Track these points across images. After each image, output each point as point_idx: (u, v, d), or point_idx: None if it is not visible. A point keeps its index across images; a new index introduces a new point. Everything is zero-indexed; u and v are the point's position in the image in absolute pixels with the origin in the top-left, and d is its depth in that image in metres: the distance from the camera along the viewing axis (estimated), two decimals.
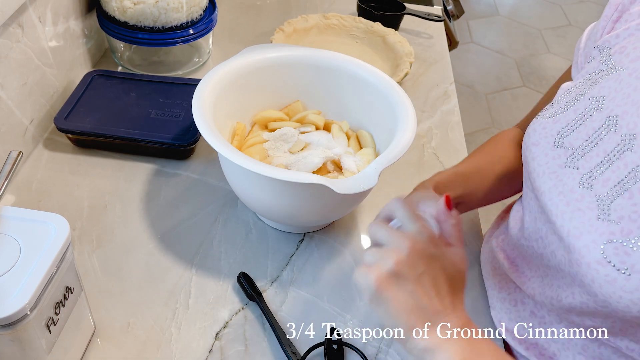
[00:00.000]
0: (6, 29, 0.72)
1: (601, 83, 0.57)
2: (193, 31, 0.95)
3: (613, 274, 0.48)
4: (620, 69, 0.56)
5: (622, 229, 0.49)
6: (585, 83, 0.59)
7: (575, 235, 0.52)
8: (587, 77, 0.60)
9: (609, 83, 0.56)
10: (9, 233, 0.50)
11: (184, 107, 0.86)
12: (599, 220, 0.50)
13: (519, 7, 3.44)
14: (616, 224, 0.49)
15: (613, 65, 0.57)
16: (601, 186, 0.52)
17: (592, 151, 0.54)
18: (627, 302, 0.48)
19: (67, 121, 0.81)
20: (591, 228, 0.51)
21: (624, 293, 0.48)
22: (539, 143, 0.60)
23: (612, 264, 0.49)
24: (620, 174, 0.51)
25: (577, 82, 0.61)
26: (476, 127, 2.44)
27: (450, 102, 1.02)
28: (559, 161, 0.57)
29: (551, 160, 0.58)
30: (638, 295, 0.47)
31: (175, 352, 0.62)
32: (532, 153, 0.60)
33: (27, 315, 0.46)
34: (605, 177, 0.52)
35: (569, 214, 0.53)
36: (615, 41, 0.59)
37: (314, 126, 0.80)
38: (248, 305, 0.67)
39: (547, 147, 0.59)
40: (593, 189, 0.52)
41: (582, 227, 0.51)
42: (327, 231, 0.77)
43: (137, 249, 0.72)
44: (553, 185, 0.56)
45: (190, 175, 0.82)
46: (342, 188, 0.60)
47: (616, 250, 0.48)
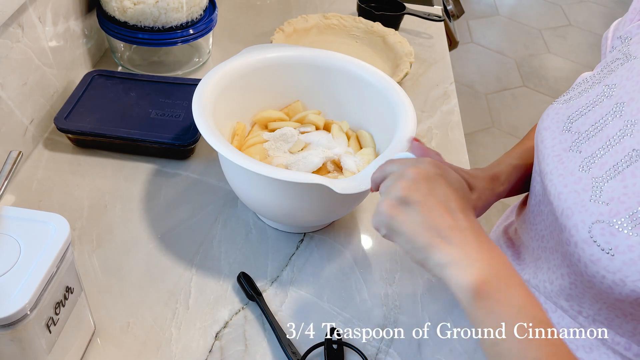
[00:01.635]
0: (6, 29, 0.72)
1: (616, 72, 0.58)
2: (193, 31, 0.95)
3: (598, 254, 0.50)
4: (635, 58, 0.56)
5: (610, 210, 0.50)
6: (603, 71, 0.60)
7: (567, 215, 0.53)
8: (605, 66, 0.61)
9: (623, 72, 0.57)
10: (9, 233, 0.50)
11: (184, 107, 0.86)
12: (591, 202, 0.52)
13: (519, 7, 3.44)
14: (606, 205, 0.50)
15: (629, 54, 0.58)
16: (598, 169, 0.53)
17: (596, 136, 0.55)
18: (610, 282, 0.49)
19: (67, 121, 0.81)
20: (582, 209, 0.52)
21: (607, 273, 0.49)
22: (549, 127, 0.61)
23: (597, 244, 0.50)
24: (617, 157, 0.52)
25: (596, 70, 0.62)
26: (476, 127, 2.44)
27: (450, 102, 1.02)
28: (565, 145, 0.58)
29: (558, 144, 0.59)
30: (620, 276, 0.48)
31: (175, 352, 0.62)
32: (542, 136, 0.61)
33: (27, 315, 0.46)
34: (603, 161, 0.53)
35: (565, 195, 0.54)
36: (637, 31, 0.60)
37: (314, 126, 0.80)
38: (248, 305, 0.67)
39: (557, 131, 0.60)
40: (590, 172, 0.53)
41: (575, 208, 0.53)
42: (327, 231, 0.77)
43: (137, 249, 0.72)
44: (555, 167, 0.57)
45: (190, 175, 0.82)
46: (342, 188, 0.60)
47: (602, 231, 0.49)
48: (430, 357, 0.64)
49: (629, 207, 0.49)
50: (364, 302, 0.69)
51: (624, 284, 0.49)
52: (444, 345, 0.66)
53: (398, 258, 0.74)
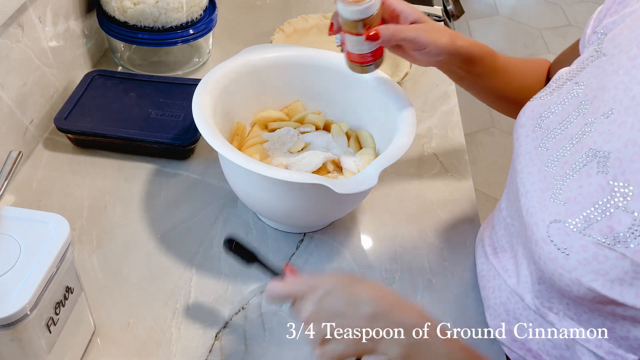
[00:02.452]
0: (6, 29, 0.72)
1: (586, 69, 0.58)
2: (193, 31, 0.95)
3: (554, 253, 0.51)
4: (603, 55, 0.56)
5: (566, 210, 0.51)
6: (577, 69, 0.60)
7: (531, 214, 0.54)
8: (580, 62, 0.61)
9: (591, 69, 0.57)
10: (9, 233, 0.50)
11: (184, 107, 0.86)
12: (551, 200, 0.53)
13: (519, 7, 3.44)
14: (563, 204, 0.51)
15: (601, 52, 0.58)
16: (560, 168, 0.54)
17: (562, 134, 0.56)
18: (567, 280, 0.50)
19: (67, 121, 0.81)
20: (543, 207, 0.53)
21: (564, 272, 0.50)
22: (524, 124, 0.62)
23: (554, 243, 0.51)
24: (576, 156, 0.52)
25: (573, 66, 0.62)
26: (476, 127, 2.44)
27: (450, 102, 1.02)
28: (535, 143, 0.59)
29: (530, 142, 0.60)
30: (576, 275, 0.49)
31: (175, 352, 0.62)
32: (518, 134, 0.63)
33: (27, 315, 0.46)
34: (565, 160, 0.54)
35: (531, 193, 0.56)
36: (612, 27, 0.59)
37: (314, 126, 0.80)
38: (248, 305, 0.67)
39: (530, 128, 0.61)
40: (553, 170, 0.54)
41: (538, 206, 0.54)
42: (327, 231, 0.77)
43: (137, 249, 0.72)
44: (525, 165, 0.59)
45: (190, 175, 0.82)
46: (342, 188, 0.60)
47: (558, 230, 0.50)
48: None
49: (583, 208, 0.50)
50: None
51: (580, 283, 0.50)
52: None
53: (398, 258, 0.74)
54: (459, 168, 0.88)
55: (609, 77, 0.53)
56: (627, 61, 0.51)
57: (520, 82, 0.75)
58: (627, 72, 0.51)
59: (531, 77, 0.77)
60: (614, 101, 0.51)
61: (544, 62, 0.79)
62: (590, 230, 0.48)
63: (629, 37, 0.54)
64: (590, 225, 0.49)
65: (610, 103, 0.51)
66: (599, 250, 0.48)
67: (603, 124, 0.51)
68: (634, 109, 0.48)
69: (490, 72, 0.72)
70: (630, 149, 0.47)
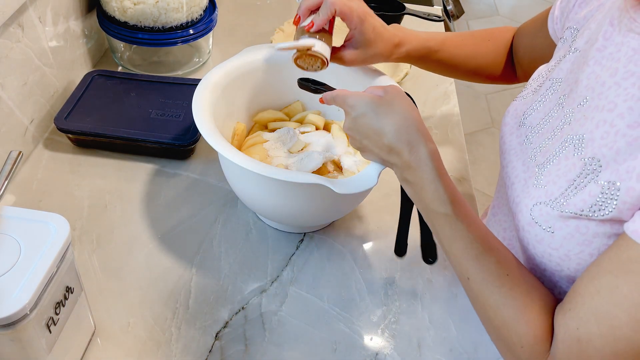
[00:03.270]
0: (6, 29, 0.72)
1: (560, 65, 0.62)
2: (193, 31, 0.95)
3: (541, 234, 0.54)
4: (577, 51, 0.60)
5: (546, 192, 0.54)
6: (554, 66, 0.64)
7: (516, 203, 0.58)
8: (556, 58, 0.64)
9: (566, 64, 0.61)
10: (9, 233, 0.50)
11: (184, 107, 0.86)
12: (533, 187, 0.56)
13: (519, 7, 3.44)
14: (543, 187, 0.55)
15: (574, 48, 0.61)
16: (541, 157, 0.57)
17: (544, 128, 0.60)
18: (557, 259, 0.53)
19: (67, 121, 0.81)
20: (526, 194, 0.57)
21: (552, 250, 0.53)
22: (508, 123, 0.66)
23: (538, 224, 0.54)
24: (556, 145, 0.56)
25: (552, 62, 0.65)
26: (476, 127, 2.44)
27: (450, 102, 1.02)
28: (520, 139, 0.63)
29: (515, 139, 0.64)
30: (563, 251, 0.52)
31: (175, 352, 0.62)
32: (502, 132, 0.67)
33: (27, 315, 0.46)
34: (546, 149, 0.57)
35: (516, 185, 0.59)
36: (583, 23, 0.62)
37: (314, 126, 0.80)
38: (248, 305, 0.67)
39: (514, 127, 0.65)
40: (536, 160, 0.58)
41: (521, 195, 0.57)
42: (327, 231, 0.77)
43: (137, 249, 0.72)
44: (510, 161, 0.63)
45: (190, 175, 0.82)
46: (342, 188, 0.60)
47: (541, 212, 0.54)
48: (430, 357, 0.64)
49: (560, 187, 0.52)
50: (364, 302, 0.69)
51: (569, 259, 0.52)
52: (444, 345, 0.66)
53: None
54: (459, 168, 0.88)
55: (581, 70, 0.56)
56: (596, 52, 0.55)
57: (484, 49, 0.82)
58: (598, 62, 0.54)
59: (495, 41, 0.83)
60: (587, 90, 0.54)
61: (508, 29, 0.85)
62: (568, 206, 0.51)
63: (596, 31, 0.57)
64: (567, 200, 0.51)
65: (584, 92, 0.55)
66: (580, 222, 0.50)
67: (579, 112, 0.54)
68: (605, 93, 0.52)
69: (447, 58, 0.79)
70: (601, 128, 0.50)
